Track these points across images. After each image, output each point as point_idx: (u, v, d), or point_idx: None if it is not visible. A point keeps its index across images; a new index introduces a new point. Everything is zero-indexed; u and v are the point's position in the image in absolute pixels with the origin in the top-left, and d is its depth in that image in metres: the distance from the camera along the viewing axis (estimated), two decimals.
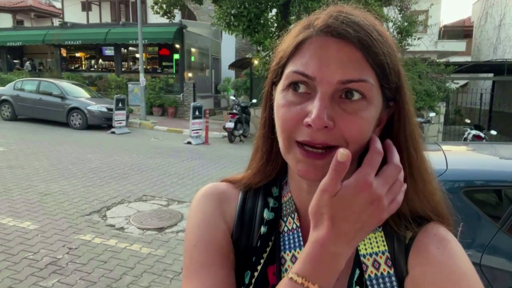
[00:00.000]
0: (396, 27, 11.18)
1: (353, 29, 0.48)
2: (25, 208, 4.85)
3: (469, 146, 4.12)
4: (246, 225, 0.63)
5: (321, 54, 0.48)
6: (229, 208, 0.64)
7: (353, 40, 0.48)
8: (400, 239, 0.55)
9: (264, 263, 0.59)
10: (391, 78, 0.51)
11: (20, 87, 12.60)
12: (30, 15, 25.95)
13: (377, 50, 0.49)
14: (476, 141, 8.52)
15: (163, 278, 3.37)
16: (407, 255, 0.54)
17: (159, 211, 5.02)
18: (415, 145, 0.55)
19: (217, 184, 0.69)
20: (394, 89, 0.52)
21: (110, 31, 16.04)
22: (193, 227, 0.62)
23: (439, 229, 0.56)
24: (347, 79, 0.47)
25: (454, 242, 0.55)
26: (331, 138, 0.48)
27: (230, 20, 11.24)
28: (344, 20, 0.49)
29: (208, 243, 0.60)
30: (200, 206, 0.64)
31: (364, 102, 0.49)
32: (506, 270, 1.85)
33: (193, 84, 15.03)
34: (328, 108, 0.48)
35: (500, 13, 15.94)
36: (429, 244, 0.54)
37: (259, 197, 0.65)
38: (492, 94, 14.92)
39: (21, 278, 3.23)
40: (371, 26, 0.50)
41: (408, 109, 0.54)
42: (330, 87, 0.48)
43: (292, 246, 0.58)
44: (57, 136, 10.24)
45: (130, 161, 7.75)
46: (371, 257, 0.55)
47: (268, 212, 0.63)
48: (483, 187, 2.18)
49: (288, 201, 0.62)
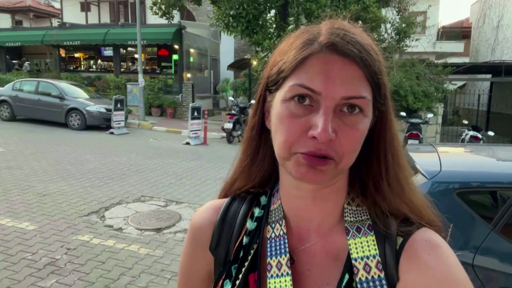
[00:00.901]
0: (394, 28, 11.21)
1: (356, 48, 0.51)
2: (23, 209, 4.86)
3: (464, 147, 4.15)
4: (225, 234, 0.65)
5: (327, 70, 0.51)
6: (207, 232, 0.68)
7: (356, 59, 0.51)
8: (391, 243, 0.56)
9: (246, 271, 0.60)
10: (382, 93, 0.55)
11: (19, 88, 12.59)
12: (29, 16, 25.93)
13: (376, 69, 0.53)
14: (473, 142, 8.56)
15: (161, 278, 3.39)
16: (398, 260, 0.54)
17: (157, 211, 5.04)
18: (393, 152, 0.58)
19: (203, 208, 0.72)
20: (383, 102, 0.56)
21: (109, 31, 16.04)
22: (182, 254, 0.73)
23: (430, 235, 0.56)
24: (349, 96, 0.51)
25: (445, 247, 0.55)
26: (331, 149, 0.51)
27: (229, 21, 11.26)
28: (348, 39, 0.52)
29: (185, 275, 0.71)
30: (187, 235, 0.72)
31: (361, 115, 0.52)
32: (498, 270, 1.87)
33: (192, 84, 15.04)
34: (331, 122, 0.50)
35: (498, 14, 16.00)
36: (420, 249, 0.54)
37: (242, 205, 0.67)
38: (490, 95, 14.96)
39: (20, 279, 3.25)
40: (369, 45, 0.54)
41: (391, 119, 0.58)
42: (333, 102, 0.51)
43: (278, 253, 0.59)
44: (56, 137, 10.25)
45: (129, 161, 7.77)
46: (362, 261, 0.55)
47: (252, 222, 0.65)
48: (477, 189, 2.20)
49: (277, 208, 0.64)
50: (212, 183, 6.45)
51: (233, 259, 0.63)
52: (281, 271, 0.58)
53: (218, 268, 0.65)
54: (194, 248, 0.68)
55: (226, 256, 0.64)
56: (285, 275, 0.57)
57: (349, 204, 0.60)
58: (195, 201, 5.51)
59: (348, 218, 0.59)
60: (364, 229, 0.57)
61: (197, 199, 5.60)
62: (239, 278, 0.60)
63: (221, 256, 0.65)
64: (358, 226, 0.58)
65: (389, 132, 0.58)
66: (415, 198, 0.60)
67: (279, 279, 0.57)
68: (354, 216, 0.59)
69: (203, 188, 6.17)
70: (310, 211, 0.60)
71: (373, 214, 0.59)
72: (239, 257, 0.62)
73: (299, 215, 0.61)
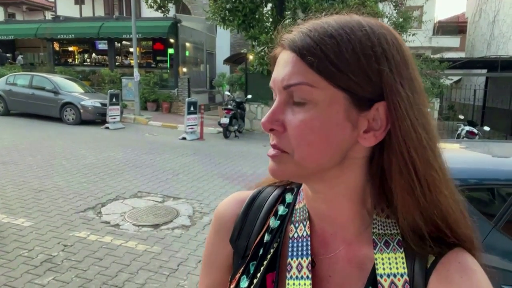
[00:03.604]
0: (392, 23, 11.20)
1: (291, 36, 0.52)
2: (19, 205, 4.82)
3: (462, 144, 4.16)
4: (246, 228, 0.64)
5: (276, 65, 0.54)
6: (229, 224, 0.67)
7: (289, 47, 0.51)
8: (421, 262, 0.52)
9: (264, 270, 0.59)
10: (348, 77, 0.48)
11: (12, 82, 12.45)
12: (22, 8, 25.61)
13: (312, 51, 0.48)
14: (470, 137, 8.61)
15: (159, 275, 3.38)
16: (427, 280, 0.51)
17: (154, 207, 5.01)
18: (416, 147, 0.50)
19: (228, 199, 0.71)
20: (371, 88, 0.49)
21: (104, 25, 15.87)
22: (206, 242, 0.72)
23: (465, 257, 0.52)
24: (285, 84, 0.51)
25: (479, 272, 0.51)
26: (280, 142, 0.52)
27: (225, 14, 11.19)
28: (293, 30, 0.53)
29: (208, 263, 0.70)
30: (211, 224, 0.71)
31: (310, 105, 0.50)
32: (499, 268, 1.87)
33: (187, 79, 14.95)
34: (279, 113, 0.52)
35: (494, 9, 16.03)
36: (452, 271, 0.51)
37: (267, 201, 0.66)
38: (485, 90, 15.03)
39: (16, 276, 3.22)
40: (321, 30, 0.50)
41: (399, 108, 0.49)
42: (281, 93, 0.52)
43: (300, 254, 0.58)
44: (51, 132, 10.16)
45: (125, 157, 7.72)
46: (388, 278, 0.52)
47: (275, 221, 0.63)
48: (478, 186, 2.20)
49: (302, 208, 0.62)
50: (209, 179, 6.43)
51: (252, 255, 0.62)
52: (301, 273, 0.56)
53: (236, 261, 0.64)
54: (216, 237, 0.68)
55: (246, 250, 0.63)
56: (305, 278, 0.55)
57: (378, 215, 0.56)
58: (193, 197, 5.49)
59: (376, 230, 0.55)
60: (393, 244, 0.54)
61: (194, 195, 5.58)
62: (256, 276, 0.59)
63: (240, 249, 0.64)
64: (386, 240, 0.54)
65: (402, 123, 0.50)
66: (449, 207, 0.53)
67: (299, 281, 0.56)
68: (383, 229, 0.55)
69: (200, 184, 6.15)
70: (328, 215, 0.58)
71: (403, 228, 0.54)
72: (258, 254, 0.61)
73: (321, 218, 0.60)
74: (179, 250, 3.86)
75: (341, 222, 0.58)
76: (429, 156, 0.51)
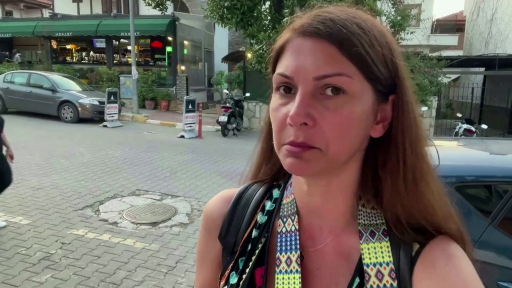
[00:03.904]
0: (390, 21, 11.19)
1: (324, 25, 0.49)
2: (17, 203, 4.81)
3: (460, 141, 4.17)
4: (234, 224, 0.65)
5: (297, 54, 0.50)
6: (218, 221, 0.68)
7: (324, 35, 0.48)
8: (406, 250, 0.53)
9: (252, 265, 0.59)
10: (378, 69, 0.50)
11: (10, 80, 12.40)
12: (20, 6, 25.50)
13: (352, 42, 0.48)
14: (467, 135, 8.63)
15: (157, 272, 3.38)
16: (413, 268, 0.52)
17: (152, 205, 5.01)
18: (411, 141, 0.52)
19: (215, 197, 0.72)
20: (389, 81, 0.51)
21: (101, 23, 15.81)
22: (198, 240, 0.73)
23: (449, 244, 0.53)
24: (321, 75, 0.48)
25: (464, 259, 0.51)
26: (311, 137, 0.49)
27: (223, 12, 11.16)
28: (318, 19, 0.50)
29: (201, 262, 0.70)
30: (201, 224, 0.71)
31: (345, 97, 0.48)
32: (495, 264, 1.89)
33: (186, 77, 14.91)
34: (308, 106, 0.48)
35: (492, 7, 16.04)
36: (436, 259, 0.51)
37: (254, 197, 0.66)
38: (483, 88, 15.05)
39: (14, 274, 3.21)
40: (348, 19, 0.50)
41: (406, 101, 0.52)
42: (308, 84, 0.49)
43: (288, 249, 0.58)
44: (49, 130, 10.13)
45: (123, 155, 7.71)
46: (374, 267, 0.53)
47: (262, 216, 0.64)
48: (475, 183, 2.21)
49: (290, 202, 0.62)
50: (207, 177, 6.44)
51: (240, 251, 0.62)
52: (290, 267, 0.56)
53: (225, 257, 0.64)
54: (206, 235, 0.69)
55: (234, 246, 0.64)
56: (294, 272, 0.56)
57: (364, 206, 0.57)
58: (191, 195, 5.49)
59: (362, 221, 0.56)
60: (379, 234, 0.55)
61: (192, 193, 5.58)
62: (245, 272, 0.59)
63: (229, 245, 0.64)
64: (372, 230, 0.55)
65: (405, 117, 0.52)
66: (432, 199, 0.54)
67: (288, 275, 0.56)
68: (369, 219, 0.56)
69: (198, 182, 6.15)
70: (321, 209, 0.58)
71: (388, 218, 0.55)
72: (247, 250, 0.61)
73: (311, 211, 0.60)
74: (177, 247, 3.86)
75: (333, 215, 0.58)
76: (421, 149, 0.54)
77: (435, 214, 0.54)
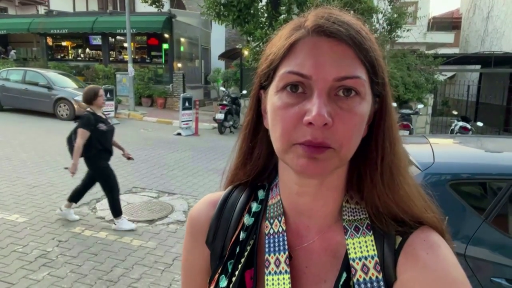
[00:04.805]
0: (386, 18, 11.20)
1: (344, 28, 0.50)
2: (13, 201, 4.80)
3: (455, 139, 4.20)
4: (221, 228, 0.64)
5: (316, 53, 0.49)
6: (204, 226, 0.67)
7: (345, 38, 0.49)
8: (390, 243, 0.55)
9: (242, 267, 0.60)
10: (379, 74, 0.53)
11: (5, 77, 12.32)
12: (14, 2, 25.29)
13: (367, 47, 0.51)
14: (463, 133, 8.67)
15: (154, 270, 3.39)
16: (396, 259, 0.54)
17: (149, 203, 5.01)
18: (391, 139, 0.56)
19: (200, 202, 0.71)
20: (381, 84, 0.54)
21: (97, 19, 15.72)
22: (183, 248, 0.71)
23: (429, 234, 0.55)
24: (342, 76, 0.49)
25: (444, 247, 0.54)
26: (329, 137, 0.49)
27: (220, 9, 11.12)
28: (335, 20, 0.51)
29: (187, 269, 0.70)
30: (186, 230, 0.70)
31: (358, 98, 0.50)
32: (489, 260, 1.91)
33: (182, 74, 14.87)
34: (326, 105, 0.48)
35: (488, 5, 16.08)
36: (418, 249, 0.53)
37: (240, 199, 0.66)
38: (479, 86, 15.11)
39: (11, 271, 3.21)
40: (358, 25, 0.52)
41: (390, 104, 0.56)
42: (326, 84, 0.49)
43: (277, 250, 0.58)
44: (44, 127, 10.09)
45: (119, 152, 7.67)
46: (360, 261, 0.54)
47: (249, 218, 0.64)
48: (469, 180, 2.23)
49: (276, 203, 0.62)
50: (204, 174, 6.44)
51: (229, 254, 0.62)
52: (279, 268, 0.57)
53: (214, 262, 0.64)
54: (192, 242, 0.68)
55: (222, 250, 0.63)
56: (283, 273, 0.56)
57: (348, 202, 0.58)
58: (188, 192, 5.49)
59: (346, 217, 0.57)
60: (363, 228, 0.56)
61: (189, 190, 5.59)
62: (235, 274, 0.59)
63: (217, 250, 0.64)
64: (356, 225, 0.57)
65: (388, 118, 0.56)
66: (409, 191, 0.57)
67: (277, 276, 0.56)
68: (353, 215, 0.58)
69: (195, 179, 6.15)
70: (311, 208, 0.59)
71: (371, 212, 0.57)
72: (235, 252, 0.61)
73: (300, 212, 0.60)
74: (174, 245, 3.87)
75: (322, 214, 0.59)
76: (398, 148, 0.57)
77: (414, 205, 0.57)
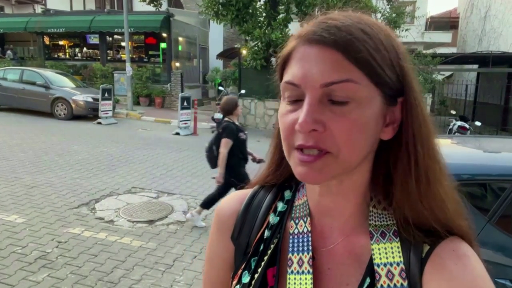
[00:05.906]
0: (385, 18, 11.22)
1: (329, 32, 0.50)
2: (11, 201, 4.76)
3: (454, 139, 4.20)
4: (247, 225, 0.66)
5: (303, 62, 0.51)
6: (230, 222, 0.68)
7: (329, 43, 0.49)
8: (416, 251, 0.54)
9: (264, 265, 0.60)
10: (385, 73, 0.50)
11: (2, 76, 12.25)
12: (11, 1, 25.14)
13: (356, 47, 0.49)
14: (462, 132, 8.69)
15: (155, 271, 3.37)
16: (423, 268, 0.53)
17: (149, 203, 4.99)
18: (423, 142, 0.53)
19: (228, 197, 0.73)
20: (397, 84, 0.52)
21: (95, 18, 15.66)
22: (209, 239, 0.72)
23: (458, 244, 0.54)
24: (328, 82, 0.49)
25: (474, 259, 0.52)
26: (323, 141, 0.50)
27: (218, 9, 11.11)
28: (324, 26, 0.51)
29: (210, 262, 0.71)
30: (213, 223, 0.71)
31: (353, 103, 0.49)
32: (493, 261, 1.91)
33: (180, 74, 14.84)
34: (316, 112, 0.49)
35: (486, 5, 16.12)
36: (446, 259, 0.52)
37: (266, 198, 0.67)
38: (476, 86, 15.16)
39: (10, 273, 3.19)
40: (352, 25, 0.50)
41: (415, 104, 0.53)
42: (316, 92, 0.49)
43: (300, 250, 0.59)
44: (42, 127, 10.04)
45: (118, 152, 7.66)
46: (385, 267, 0.53)
47: (274, 217, 0.65)
48: (470, 181, 2.23)
49: (303, 204, 0.63)
50: (203, 174, 6.42)
51: (253, 251, 0.63)
52: (302, 268, 0.57)
53: (238, 258, 0.65)
54: (218, 236, 0.69)
55: (247, 246, 0.64)
56: (306, 273, 0.57)
57: (375, 207, 0.58)
58: (187, 192, 5.48)
59: (373, 221, 0.57)
60: (389, 234, 0.56)
61: (188, 190, 5.57)
62: (257, 271, 0.60)
63: (242, 246, 0.65)
64: (383, 231, 0.56)
65: (416, 120, 0.53)
66: (446, 199, 0.55)
67: (300, 276, 0.57)
68: (379, 220, 0.57)
69: (194, 179, 6.13)
70: (332, 209, 0.60)
71: (399, 221, 0.56)
72: (259, 250, 0.62)
73: (323, 212, 0.61)
74: (175, 246, 3.86)
75: (344, 215, 0.60)
76: (433, 150, 0.55)
77: (448, 212, 0.55)
